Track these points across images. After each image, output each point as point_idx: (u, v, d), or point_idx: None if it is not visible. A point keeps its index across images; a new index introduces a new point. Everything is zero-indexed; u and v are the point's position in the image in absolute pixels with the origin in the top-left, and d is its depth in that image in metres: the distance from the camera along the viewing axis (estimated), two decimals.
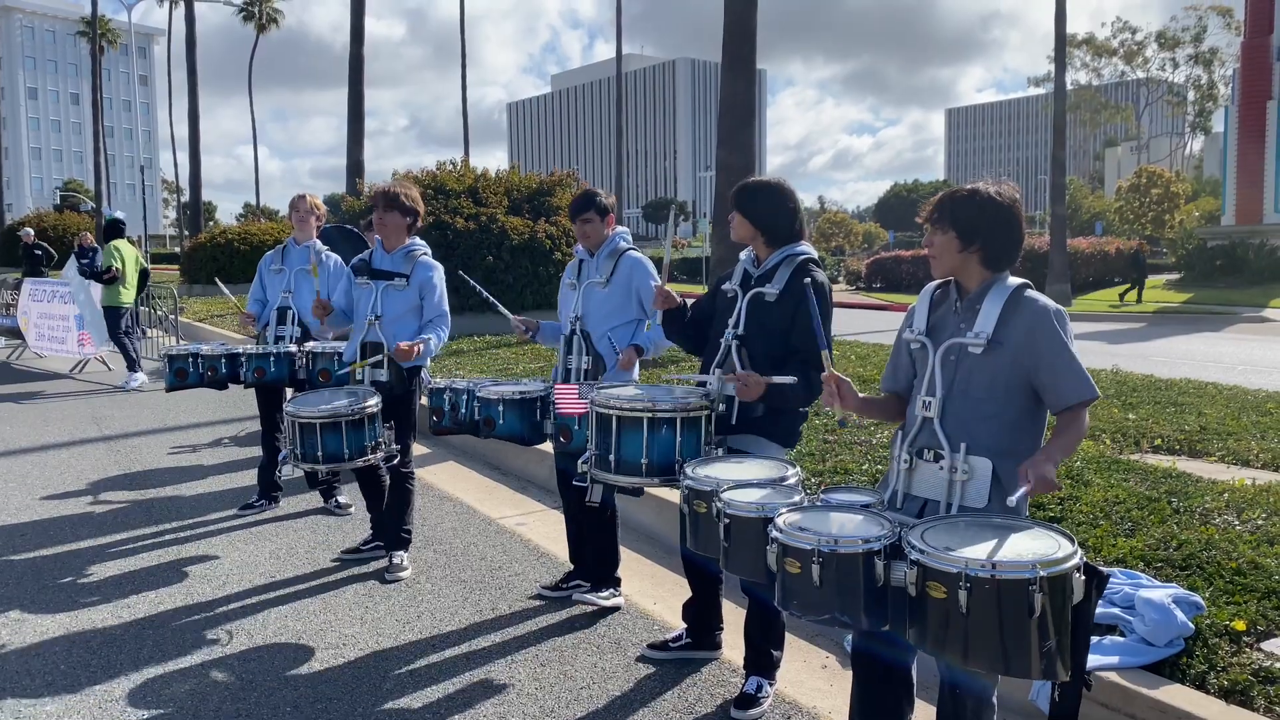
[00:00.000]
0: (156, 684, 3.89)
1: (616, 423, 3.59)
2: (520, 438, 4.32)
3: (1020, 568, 2.25)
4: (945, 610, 2.32)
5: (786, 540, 2.55)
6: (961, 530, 2.50)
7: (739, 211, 3.69)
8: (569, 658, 4.10)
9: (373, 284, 5.10)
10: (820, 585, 2.48)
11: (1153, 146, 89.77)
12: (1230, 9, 65.45)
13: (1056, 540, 2.40)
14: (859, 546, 2.47)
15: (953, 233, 2.78)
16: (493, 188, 14.82)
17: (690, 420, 3.55)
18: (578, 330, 4.57)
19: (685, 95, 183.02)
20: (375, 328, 5.04)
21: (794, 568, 2.52)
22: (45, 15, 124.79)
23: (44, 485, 7.02)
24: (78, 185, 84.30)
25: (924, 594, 2.37)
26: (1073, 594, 2.30)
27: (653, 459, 3.53)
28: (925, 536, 2.44)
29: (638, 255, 4.65)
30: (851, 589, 2.47)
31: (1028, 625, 2.25)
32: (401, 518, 5.18)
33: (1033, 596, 2.23)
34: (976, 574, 2.27)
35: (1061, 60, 28.12)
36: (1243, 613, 3.58)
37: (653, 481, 3.60)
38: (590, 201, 4.64)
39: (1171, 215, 52.22)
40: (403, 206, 5.05)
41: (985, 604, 2.27)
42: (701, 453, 3.53)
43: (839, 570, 2.47)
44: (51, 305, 13.41)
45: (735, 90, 11.94)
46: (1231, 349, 15.78)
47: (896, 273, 34.96)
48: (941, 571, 2.32)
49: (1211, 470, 5.72)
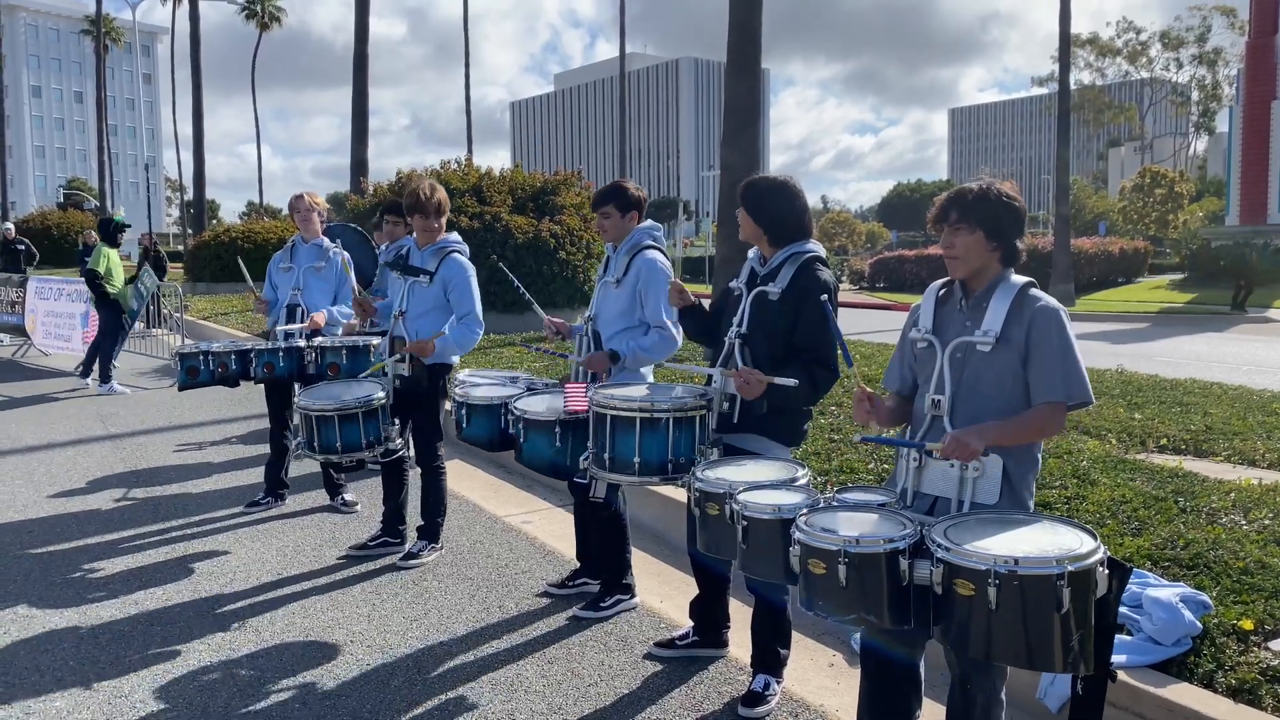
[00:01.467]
0: (164, 681, 3.90)
1: (610, 422, 3.60)
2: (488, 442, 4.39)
3: (1046, 563, 2.28)
4: (972, 607, 2.33)
5: (810, 541, 2.56)
6: (982, 526, 2.52)
7: (745, 209, 3.66)
8: (576, 655, 4.11)
9: (404, 279, 5.19)
10: (846, 585, 2.49)
11: (1156, 146, 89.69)
12: (1234, 9, 65.40)
13: (1079, 535, 2.42)
14: (882, 546, 2.48)
15: (980, 232, 2.78)
16: (497, 187, 14.82)
17: (683, 420, 3.54)
18: (588, 330, 4.50)
19: (689, 94, 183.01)
20: (400, 323, 5.15)
21: (819, 568, 2.53)
22: (49, 14, 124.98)
23: (51, 483, 7.04)
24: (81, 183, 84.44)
25: (950, 591, 2.38)
26: (1097, 588, 2.32)
27: (645, 458, 3.55)
28: (949, 534, 2.46)
29: (652, 255, 4.36)
30: (876, 588, 2.48)
31: (1053, 620, 2.27)
32: (435, 510, 5.33)
33: (1060, 591, 2.26)
34: (1005, 570, 2.28)
35: (1066, 61, 28.08)
36: (1250, 612, 3.58)
37: (649, 480, 3.61)
38: (610, 194, 4.45)
39: (1175, 215, 52.11)
40: (424, 208, 5.09)
41: (1012, 600, 2.29)
42: (697, 452, 3.53)
43: (864, 570, 2.48)
44: (58, 303, 13.43)
45: (739, 90, 11.93)
46: (1236, 349, 15.76)
47: (900, 272, 34.93)
48: (969, 569, 2.33)
49: (1218, 470, 5.72)
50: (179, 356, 5.93)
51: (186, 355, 5.89)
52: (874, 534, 2.53)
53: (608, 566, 4.62)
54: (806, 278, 3.55)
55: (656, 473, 3.56)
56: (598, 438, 3.67)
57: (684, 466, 3.52)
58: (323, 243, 6.30)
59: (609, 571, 4.61)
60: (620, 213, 4.42)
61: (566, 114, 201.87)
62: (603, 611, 4.51)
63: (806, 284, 3.53)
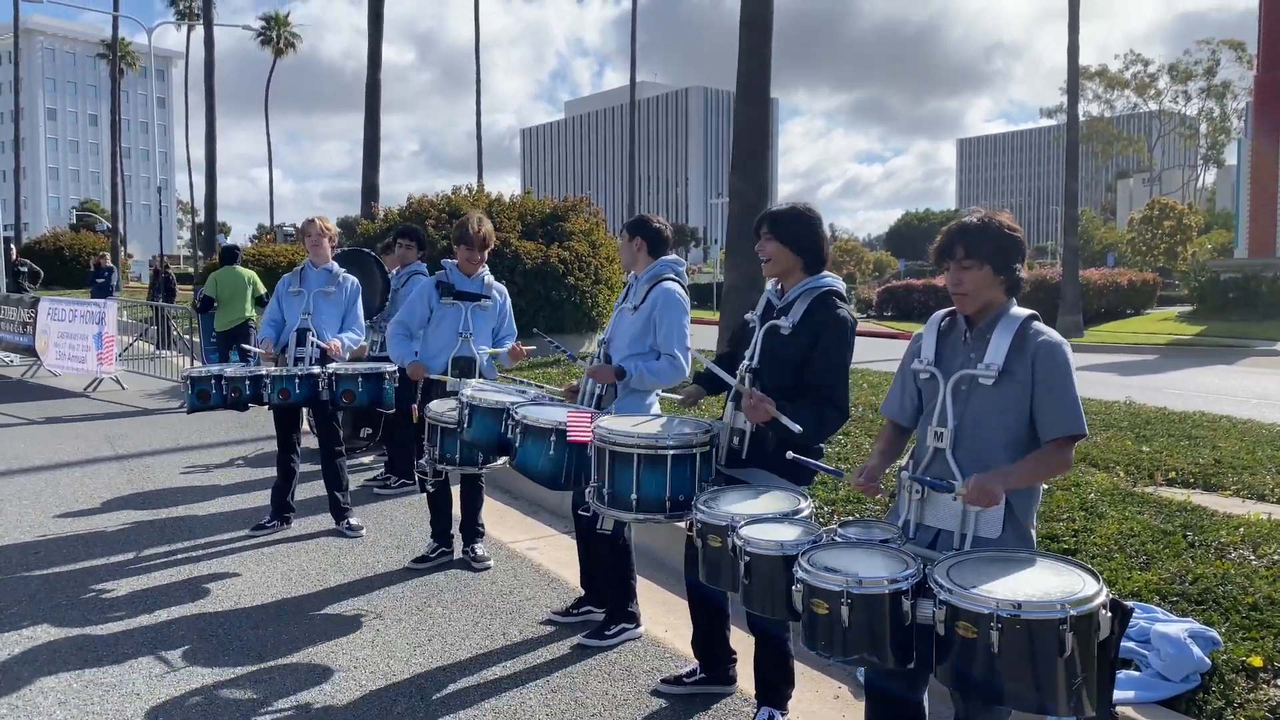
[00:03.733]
0: (168, 703, 3.89)
1: (610, 457, 3.57)
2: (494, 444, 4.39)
3: (1049, 608, 2.25)
4: (974, 649, 2.31)
5: (813, 581, 2.54)
6: (985, 566, 2.49)
7: (778, 240, 3.58)
8: (580, 685, 4.09)
9: (460, 305, 5.61)
10: (849, 626, 2.47)
11: (1165, 178, 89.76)
12: (1243, 43, 65.65)
13: (1081, 577, 2.40)
14: (885, 587, 2.46)
15: (988, 268, 2.78)
16: (506, 212, 14.89)
17: (685, 457, 3.52)
18: (601, 354, 4.53)
19: (697, 123, 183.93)
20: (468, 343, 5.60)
21: (821, 609, 2.52)
22: (66, 38, 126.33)
23: (58, 503, 7.05)
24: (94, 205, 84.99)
25: (952, 633, 2.36)
26: (1099, 630, 2.30)
27: (643, 494, 3.51)
28: (951, 574, 2.44)
29: (671, 286, 4.40)
30: (879, 629, 2.46)
31: (1057, 664, 2.25)
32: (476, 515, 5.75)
33: (1063, 635, 2.23)
34: (1007, 614, 2.26)
35: (1074, 94, 28.19)
36: (1260, 649, 3.55)
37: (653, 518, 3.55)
38: (629, 223, 4.61)
39: (1184, 247, 52.12)
40: (469, 240, 5.64)
41: (1015, 643, 2.27)
42: (697, 489, 3.50)
43: (867, 611, 2.46)
44: (73, 325, 13.49)
45: (750, 118, 12.01)
46: (1244, 382, 15.70)
47: (908, 301, 34.91)
48: (972, 612, 2.31)
49: (1226, 504, 5.69)
50: (189, 380, 5.95)
51: (197, 379, 5.91)
52: (877, 574, 2.51)
53: (612, 594, 4.59)
54: (823, 313, 3.50)
55: (655, 510, 3.53)
56: (597, 471, 3.65)
57: (683, 505, 3.50)
58: (332, 267, 6.34)
59: (614, 599, 4.59)
60: (629, 239, 4.53)
61: (576, 141, 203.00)
62: (607, 640, 4.49)
63: (822, 319, 3.49)
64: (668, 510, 3.53)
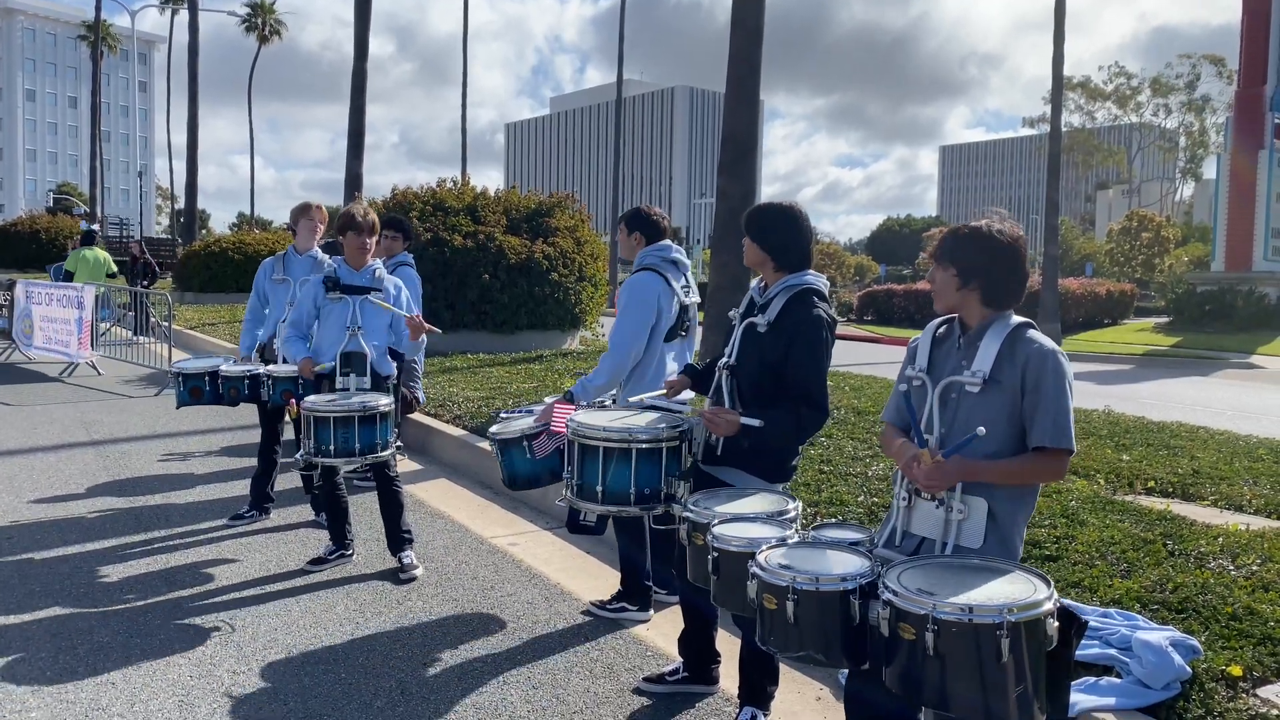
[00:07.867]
0: (143, 693, 3.84)
1: (579, 450, 3.61)
2: None
3: (989, 611, 2.24)
4: (915, 652, 2.31)
5: (765, 576, 2.55)
6: (942, 572, 2.49)
7: (749, 236, 3.64)
8: (561, 682, 4.07)
9: (348, 299, 5.32)
10: (795, 622, 2.48)
11: (1144, 190, 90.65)
12: (1223, 58, 66.39)
13: (1033, 584, 2.38)
14: (836, 585, 2.47)
15: (952, 270, 2.79)
16: (491, 207, 14.83)
17: (649, 452, 3.53)
18: None
19: (683, 122, 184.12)
20: (357, 337, 5.29)
21: (771, 603, 2.53)
22: (47, 18, 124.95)
23: (33, 488, 6.96)
24: (71, 188, 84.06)
25: (896, 634, 2.36)
26: (1047, 639, 2.28)
27: (609, 486, 3.54)
28: (901, 578, 2.44)
29: (634, 278, 4.54)
30: (827, 627, 2.47)
31: (996, 670, 2.23)
32: (399, 521, 5.43)
33: (999, 641, 2.22)
34: (944, 616, 2.26)
35: (1058, 104, 28.36)
36: (1239, 658, 3.57)
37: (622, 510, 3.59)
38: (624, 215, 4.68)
39: (1161, 259, 52.65)
40: (357, 226, 5.28)
41: (953, 647, 2.26)
42: (664, 484, 3.53)
43: (815, 607, 2.47)
44: (51, 309, 13.32)
45: (739, 119, 11.98)
46: (1220, 394, 15.85)
47: (888, 306, 35.03)
48: (910, 613, 2.31)
49: (1205, 514, 5.73)
50: (181, 376, 5.77)
51: (190, 375, 5.74)
52: (830, 572, 2.52)
53: (625, 571, 4.70)
54: (800, 311, 3.49)
55: (621, 502, 3.55)
56: (569, 463, 3.70)
57: (650, 498, 3.54)
58: (316, 254, 6.28)
59: (626, 577, 4.70)
60: (627, 232, 4.65)
61: (561, 137, 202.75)
62: (606, 611, 4.63)
63: (799, 318, 3.47)
64: (632, 502, 3.55)
